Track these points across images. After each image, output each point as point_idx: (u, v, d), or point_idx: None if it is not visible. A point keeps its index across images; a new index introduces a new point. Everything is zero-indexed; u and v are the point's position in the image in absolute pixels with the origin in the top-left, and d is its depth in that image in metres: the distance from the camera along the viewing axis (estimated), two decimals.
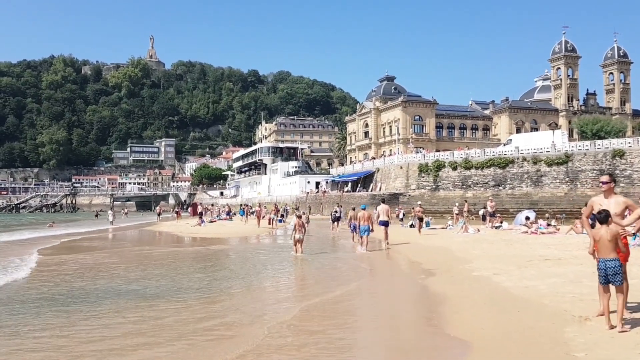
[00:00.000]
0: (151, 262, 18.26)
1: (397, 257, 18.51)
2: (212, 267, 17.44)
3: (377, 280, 14.22)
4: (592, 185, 50.95)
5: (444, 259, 16.49)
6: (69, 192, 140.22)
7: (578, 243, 17.52)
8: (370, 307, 10.33)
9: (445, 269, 14.12)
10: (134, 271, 15.81)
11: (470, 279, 12.08)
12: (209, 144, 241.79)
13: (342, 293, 11.31)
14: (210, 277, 14.40)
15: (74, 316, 9.34)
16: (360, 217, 20.73)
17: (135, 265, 17.48)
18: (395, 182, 63.14)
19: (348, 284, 12.50)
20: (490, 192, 55.03)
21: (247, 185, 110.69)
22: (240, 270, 16.38)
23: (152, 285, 12.86)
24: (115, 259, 19.20)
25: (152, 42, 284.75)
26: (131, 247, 26.13)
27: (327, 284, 12.59)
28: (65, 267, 17.11)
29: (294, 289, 13.04)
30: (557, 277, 11.07)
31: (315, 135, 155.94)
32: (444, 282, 12.09)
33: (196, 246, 26.85)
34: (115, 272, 15.63)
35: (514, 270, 12.62)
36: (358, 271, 15.41)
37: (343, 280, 13.37)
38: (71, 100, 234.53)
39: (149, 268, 16.54)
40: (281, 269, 16.46)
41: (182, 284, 13.06)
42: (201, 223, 39.86)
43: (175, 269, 16.60)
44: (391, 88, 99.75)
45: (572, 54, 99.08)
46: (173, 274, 15.04)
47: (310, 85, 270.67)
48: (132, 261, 18.79)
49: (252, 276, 14.66)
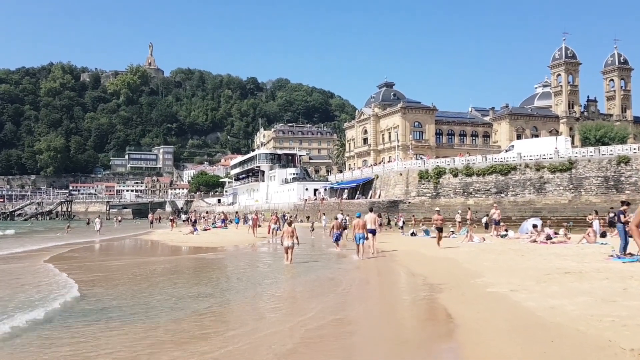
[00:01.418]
0: (115, 276, 16.54)
1: (398, 269, 17.15)
2: (187, 281, 15.81)
3: (377, 298, 12.58)
4: (597, 193, 49.76)
5: (451, 271, 15.12)
6: (64, 199, 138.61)
7: (594, 254, 16.23)
8: (370, 333, 8.86)
9: (454, 283, 12.72)
10: (92, 288, 13.83)
11: (485, 296, 10.71)
12: (207, 151, 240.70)
13: (338, 318, 9.77)
14: (182, 294, 12.66)
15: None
16: (355, 224, 20.75)
17: (96, 278, 15.80)
18: (394, 189, 61.82)
19: (344, 306, 11.08)
20: (492, 199, 53.71)
21: (245, 193, 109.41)
22: (221, 283, 14.93)
23: (103, 305, 11.12)
24: (77, 273, 16.84)
25: (151, 50, 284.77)
26: (105, 258, 24.44)
27: (319, 305, 10.92)
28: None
29: (277, 314, 10.80)
30: (585, 294, 9.70)
31: (314, 142, 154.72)
32: (455, 300, 10.69)
33: (182, 255, 25.51)
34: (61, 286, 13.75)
35: (533, 285, 11.27)
36: (355, 286, 14.03)
37: (338, 299, 11.88)
38: (69, 107, 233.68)
39: (110, 283, 14.77)
40: (268, 282, 14.98)
41: (141, 302, 11.44)
42: (194, 231, 38.53)
43: (150, 283, 15.01)
44: (390, 94, 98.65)
45: (573, 61, 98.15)
46: (138, 290, 13.21)
47: (309, 93, 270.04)
48: (93, 271, 17.39)
49: (231, 292, 13.02)
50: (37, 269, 18.22)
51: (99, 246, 32.63)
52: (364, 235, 20.28)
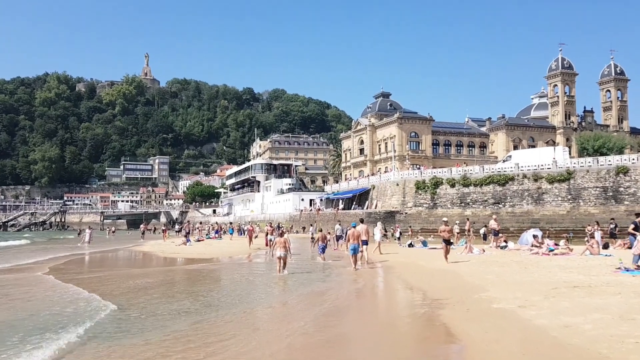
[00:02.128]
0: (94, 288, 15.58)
1: (396, 282, 16.39)
2: (168, 294, 14.83)
3: (373, 315, 11.67)
4: (596, 203, 49.23)
5: (453, 285, 14.30)
6: (57, 210, 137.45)
7: (600, 266, 15.55)
8: (365, 356, 8.03)
9: (457, 298, 11.89)
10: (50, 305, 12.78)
11: (491, 313, 9.92)
12: (203, 162, 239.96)
13: (328, 338, 8.94)
14: (161, 310, 11.74)
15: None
16: (350, 235, 20.57)
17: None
18: (391, 200, 61.16)
19: (336, 324, 10.26)
20: (489, 210, 53.12)
21: (240, 203, 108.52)
22: (204, 298, 13.96)
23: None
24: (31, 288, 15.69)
25: (147, 60, 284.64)
26: (84, 270, 23.34)
27: (309, 323, 10.15)
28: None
29: (266, 335, 9.72)
30: (600, 311, 9.01)
31: (310, 153, 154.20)
32: (459, 317, 9.87)
33: (169, 267, 24.69)
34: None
35: (541, 301, 10.54)
36: (349, 301, 13.26)
37: (329, 317, 11.01)
38: (64, 117, 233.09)
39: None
40: (256, 296, 14.16)
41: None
42: (187, 242, 37.73)
43: (128, 297, 14.04)
44: (387, 104, 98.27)
45: (569, 71, 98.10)
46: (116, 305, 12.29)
47: (306, 103, 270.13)
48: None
49: (213, 308, 11.94)
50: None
51: (86, 259, 31.38)
52: (358, 246, 20.28)
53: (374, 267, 21.45)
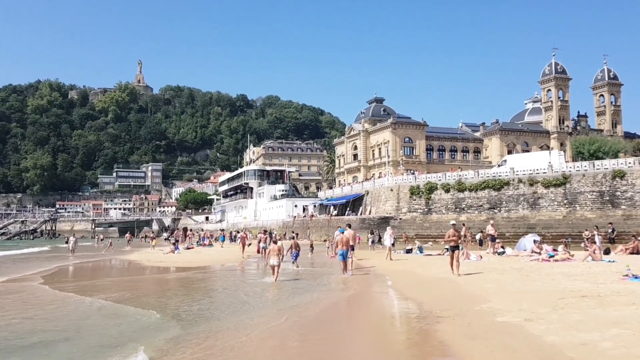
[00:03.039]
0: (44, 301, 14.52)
1: (390, 292, 15.38)
2: (152, 307, 13.65)
3: (363, 331, 10.24)
4: (592, 208, 48.54)
5: (452, 295, 13.33)
6: (48, 218, 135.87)
7: (605, 273, 14.70)
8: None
9: (457, 310, 10.89)
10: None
11: (496, 328, 8.92)
12: (196, 169, 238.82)
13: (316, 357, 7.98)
14: (139, 325, 10.70)
15: None
16: (338, 241, 20.33)
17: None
18: (385, 205, 60.32)
19: (321, 342, 9.25)
20: (485, 215, 52.40)
21: (233, 210, 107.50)
22: (180, 313, 12.64)
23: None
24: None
25: (140, 67, 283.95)
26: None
27: (293, 340, 9.16)
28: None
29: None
30: (617, 325, 8.10)
31: (304, 159, 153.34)
32: (460, 333, 8.85)
33: (149, 275, 23.72)
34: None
35: (549, 313, 9.61)
36: (338, 314, 12.32)
37: (314, 333, 9.98)
38: (57, 124, 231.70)
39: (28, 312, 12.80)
40: (237, 309, 13.16)
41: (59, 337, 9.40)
42: (175, 250, 36.70)
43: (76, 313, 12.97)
44: (380, 110, 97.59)
45: (563, 76, 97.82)
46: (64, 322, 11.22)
47: (299, 110, 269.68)
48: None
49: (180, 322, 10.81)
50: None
51: (68, 269, 30.03)
52: (346, 252, 20.10)
53: (367, 274, 20.57)
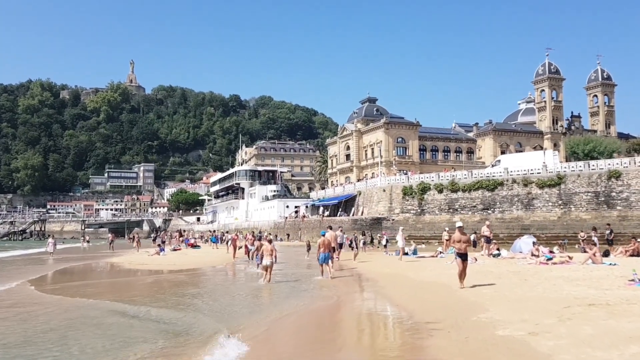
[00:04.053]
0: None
1: (378, 298, 14.35)
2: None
3: (340, 348, 8.87)
4: (587, 209, 47.82)
5: (445, 302, 12.29)
6: (37, 218, 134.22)
7: (609, 277, 13.78)
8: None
9: (452, 321, 9.81)
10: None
11: (497, 344, 7.79)
12: (189, 169, 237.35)
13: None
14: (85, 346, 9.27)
15: None
16: (320, 244, 19.89)
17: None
18: (378, 206, 59.41)
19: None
20: (478, 216, 51.60)
21: (224, 210, 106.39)
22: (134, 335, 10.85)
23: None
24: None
25: (132, 67, 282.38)
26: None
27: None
28: None
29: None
30: (634, 341, 7.14)
31: (297, 159, 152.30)
32: (457, 351, 7.67)
33: (124, 277, 22.64)
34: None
35: (556, 325, 8.56)
36: (316, 329, 11.17)
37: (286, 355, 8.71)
38: (48, 124, 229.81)
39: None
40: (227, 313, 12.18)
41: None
42: (160, 252, 35.59)
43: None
44: (373, 110, 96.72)
45: (556, 76, 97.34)
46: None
47: (292, 110, 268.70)
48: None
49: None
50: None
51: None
52: (328, 255, 19.76)
53: (354, 277, 19.61)
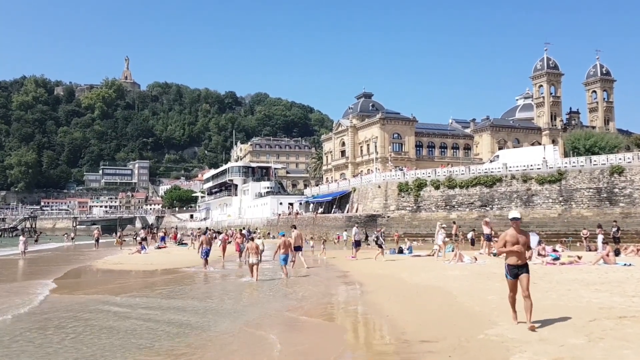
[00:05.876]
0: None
1: (360, 306, 12.45)
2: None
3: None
4: (589, 205, 46.29)
5: (445, 312, 10.36)
6: (28, 215, 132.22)
7: (629, 280, 12.09)
8: None
9: (454, 341, 7.78)
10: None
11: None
12: (184, 166, 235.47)
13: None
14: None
15: None
16: (280, 244, 19.50)
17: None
18: (373, 203, 57.77)
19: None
20: (476, 213, 50.01)
21: (218, 207, 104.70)
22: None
23: None
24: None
25: (127, 63, 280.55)
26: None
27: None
28: None
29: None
30: None
31: (292, 156, 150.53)
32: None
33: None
34: None
35: (587, 347, 6.66)
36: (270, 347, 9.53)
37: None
38: (42, 121, 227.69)
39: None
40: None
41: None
42: (141, 250, 33.89)
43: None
44: (369, 105, 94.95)
45: (555, 71, 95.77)
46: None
47: (288, 107, 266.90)
48: None
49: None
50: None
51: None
52: (288, 256, 19.59)
53: (341, 278, 17.91)
